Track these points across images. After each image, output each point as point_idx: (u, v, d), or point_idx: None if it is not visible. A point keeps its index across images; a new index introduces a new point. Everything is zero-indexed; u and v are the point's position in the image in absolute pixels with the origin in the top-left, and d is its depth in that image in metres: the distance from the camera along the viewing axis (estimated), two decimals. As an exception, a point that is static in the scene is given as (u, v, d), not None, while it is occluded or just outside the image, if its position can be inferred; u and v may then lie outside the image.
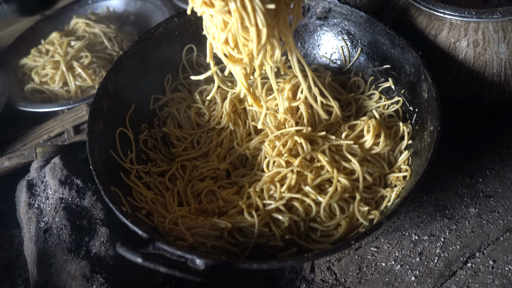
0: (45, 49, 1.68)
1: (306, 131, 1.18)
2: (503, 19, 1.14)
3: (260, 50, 1.05)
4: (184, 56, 1.38)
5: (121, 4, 1.90)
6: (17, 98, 1.56)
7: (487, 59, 1.21)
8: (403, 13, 1.33)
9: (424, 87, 1.14)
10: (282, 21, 1.07)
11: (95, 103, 1.18)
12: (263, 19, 0.98)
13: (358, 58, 1.34)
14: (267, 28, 1.00)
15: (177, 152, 1.26)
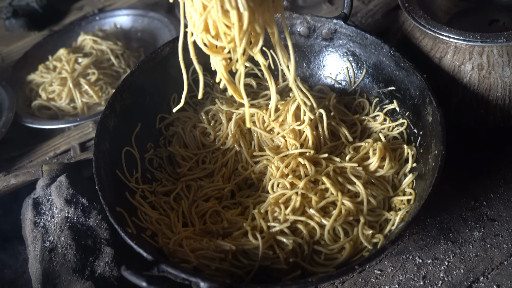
0: (53, 66, 1.69)
1: (309, 154, 1.18)
2: (508, 44, 1.15)
3: (242, 37, 1.00)
4: (190, 75, 1.39)
5: (128, 21, 1.92)
6: (24, 114, 1.57)
7: (492, 83, 1.21)
8: (409, 35, 1.34)
9: (428, 110, 1.14)
10: (267, 9, 1.03)
11: (101, 123, 1.18)
12: (244, 1, 0.93)
13: (363, 79, 1.35)
14: (249, 12, 0.95)
15: (182, 172, 1.27)
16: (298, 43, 1.40)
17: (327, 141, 1.25)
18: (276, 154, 1.21)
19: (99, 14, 1.95)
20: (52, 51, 1.79)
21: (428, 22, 1.23)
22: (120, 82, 1.26)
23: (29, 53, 1.83)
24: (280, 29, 1.11)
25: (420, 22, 1.24)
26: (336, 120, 1.28)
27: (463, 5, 1.45)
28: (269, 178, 1.19)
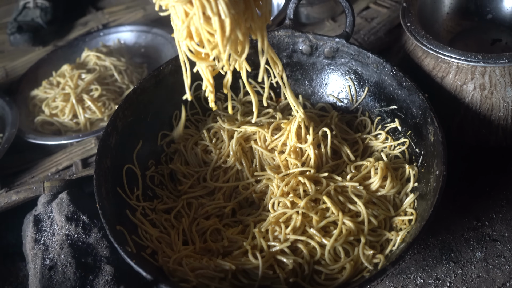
0: (56, 81, 1.70)
1: (309, 174, 1.18)
2: (510, 64, 1.15)
3: (226, 43, 1.00)
4: (193, 92, 1.39)
5: (132, 36, 1.93)
6: (27, 130, 1.58)
7: (494, 103, 1.21)
8: (411, 54, 1.34)
9: (430, 130, 1.14)
10: (250, 17, 1.03)
11: (103, 140, 1.19)
12: (225, 8, 0.93)
13: (365, 97, 1.35)
14: (231, 19, 0.95)
15: (184, 189, 1.27)
16: (300, 61, 1.40)
17: (329, 160, 1.24)
18: (277, 173, 1.21)
19: (103, 30, 1.97)
20: (56, 67, 1.80)
21: (430, 42, 1.23)
22: (122, 100, 1.26)
23: (33, 68, 1.84)
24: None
25: (422, 41, 1.24)
26: (338, 139, 1.27)
27: (465, 25, 1.45)
28: (269, 197, 1.19)
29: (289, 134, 1.23)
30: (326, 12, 1.85)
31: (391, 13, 1.79)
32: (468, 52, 1.18)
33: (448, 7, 1.44)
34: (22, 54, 2.04)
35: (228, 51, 1.02)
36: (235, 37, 1.01)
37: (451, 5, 1.44)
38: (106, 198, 1.11)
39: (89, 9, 2.24)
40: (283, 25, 1.37)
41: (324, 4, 1.80)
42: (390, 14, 1.78)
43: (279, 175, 1.20)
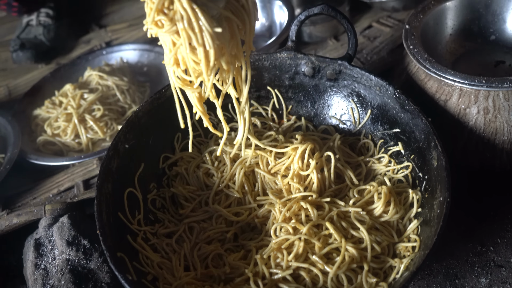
0: (59, 101, 1.70)
1: (311, 199, 1.17)
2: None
3: (210, 73, 1.02)
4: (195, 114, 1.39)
5: (135, 55, 1.93)
6: (29, 150, 1.57)
7: (498, 127, 1.20)
8: (414, 76, 1.33)
9: (433, 154, 1.13)
10: (236, 45, 1.06)
11: (105, 165, 1.18)
12: (210, 39, 0.95)
13: (367, 120, 1.34)
14: (215, 49, 0.97)
15: (185, 213, 1.26)
16: (302, 82, 1.40)
17: (332, 184, 1.24)
18: (279, 198, 1.20)
19: (106, 48, 1.97)
20: (59, 85, 1.80)
21: (433, 65, 1.22)
22: (124, 123, 1.26)
23: (35, 87, 1.84)
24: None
25: (425, 65, 1.24)
26: (341, 162, 1.27)
27: (468, 46, 1.45)
28: (272, 222, 1.18)
29: (293, 158, 1.22)
30: (329, 31, 1.85)
31: (394, 32, 1.78)
32: (472, 76, 1.17)
33: (451, 29, 1.44)
34: (25, 72, 2.04)
35: (212, 80, 1.05)
36: (219, 66, 1.04)
37: (454, 27, 1.43)
38: (107, 224, 1.10)
39: (92, 27, 2.25)
40: (285, 47, 1.37)
41: (327, 23, 1.80)
42: (393, 34, 1.78)
43: (281, 200, 1.19)
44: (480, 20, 1.42)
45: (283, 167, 1.24)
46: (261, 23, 1.94)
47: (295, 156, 1.22)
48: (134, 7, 2.33)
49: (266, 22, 1.92)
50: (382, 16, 1.89)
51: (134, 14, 2.28)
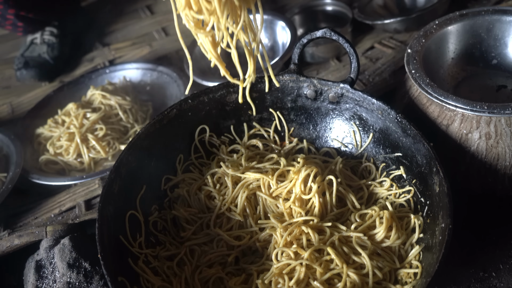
0: (61, 120, 1.71)
1: (313, 223, 1.17)
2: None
3: (223, 9, 1.06)
4: (197, 136, 1.39)
5: (138, 74, 1.94)
6: (31, 170, 1.58)
7: (500, 152, 1.20)
8: (415, 100, 1.34)
9: (435, 180, 1.13)
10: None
11: (106, 187, 1.18)
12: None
13: (369, 143, 1.34)
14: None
15: (186, 236, 1.26)
16: (305, 105, 1.40)
17: (333, 208, 1.23)
18: (280, 222, 1.20)
19: (109, 67, 1.98)
20: (62, 104, 1.81)
21: (435, 90, 1.23)
22: (126, 146, 1.26)
23: (38, 105, 1.85)
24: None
25: (426, 89, 1.24)
26: (343, 186, 1.26)
27: (470, 70, 1.45)
28: (273, 246, 1.18)
29: (296, 182, 1.23)
30: (331, 52, 1.85)
31: (396, 54, 1.79)
32: (473, 102, 1.18)
33: (453, 53, 1.44)
34: (28, 90, 2.05)
35: (226, 13, 1.08)
36: (231, 3, 1.08)
37: (456, 51, 1.44)
38: (108, 247, 1.10)
39: (95, 45, 2.26)
40: (288, 69, 1.38)
41: (329, 44, 1.81)
42: (395, 55, 1.78)
43: (283, 224, 1.18)
44: (482, 45, 1.43)
45: (284, 190, 1.24)
46: (263, 43, 1.95)
47: (298, 180, 1.22)
48: (138, 26, 2.34)
49: (269, 42, 1.93)
50: (384, 37, 1.89)
51: (138, 33, 2.29)
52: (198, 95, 1.37)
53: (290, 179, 1.24)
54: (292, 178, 1.23)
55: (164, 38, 2.21)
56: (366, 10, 1.97)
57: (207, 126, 1.40)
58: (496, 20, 1.39)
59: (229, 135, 1.43)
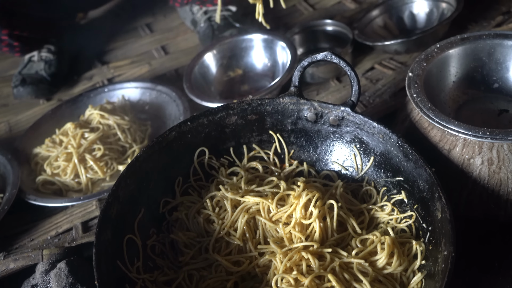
0: (59, 140, 1.69)
1: (313, 249, 1.15)
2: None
3: None
4: (196, 158, 1.38)
5: (137, 93, 1.93)
6: (28, 190, 1.56)
7: (502, 178, 1.19)
8: (417, 124, 1.33)
9: (437, 206, 1.12)
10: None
11: (104, 212, 1.16)
12: None
13: (370, 167, 1.33)
14: None
15: (184, 260, 1.24)
16: (305, 128, 1.39)
17: (334, 233, 1.22)
18: (280, 247, 1.18)
19: (108, 86, 1.97)
20: (60, 122, 1.80)
21: (437, 115, 1.22)
22: (125, 169, 1.25)
23: (36, 124, 1.84)
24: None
25: (428, 114, 1.23)
26: (344, 210, 1.25)
27: (472, 93, 1.44)
28: (273, 273, 1.16)
29: (296, 207, 1.21)
30: (331, 72, 1.85)
31: (396, 75, 1.78)
32: (475, 127, 1.17)
33: (454, 76, 1.43)
34: (27, 108, 2.05)
35: None
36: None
37: (457, 74, 1.43)
38: (105, 273, 1.08)
39: (94, 63, 2.25)
40: (288, 92, 1.37)
41: (330, 64, 1.80)
42: (395, 77, 1.78)
43: (282, 249, 1.17)
44: (483, 68, 1.42)
45: (284, 215, 1.22)
46: (263, 63, 1.95)
47: (298, 205, 1.20)
48: (137, 44, 2.34)
49: (269, 62, 1.93)
50: (384, 58, 1.89)
51: (137, 51, 2.29)
52: (197, 117, 1.36)
53: (290, 204, 1.22)
54: (293, 203, 1.22)
55: (163, 57, 2.21)
56: (366, 30, 1.97)
57: (207, 148, 1.39)
58: (498, 44, 1.38)
59: (228, 157, 1.42)
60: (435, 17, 1.94)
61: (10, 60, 2.37)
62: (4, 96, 2.16)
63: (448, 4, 1.88)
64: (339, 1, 2.37)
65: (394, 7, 2.02)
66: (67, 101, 1.94)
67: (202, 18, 2.08)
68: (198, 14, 2.10)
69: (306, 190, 1.22)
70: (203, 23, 2.07)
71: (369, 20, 2.01)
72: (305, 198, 1.20)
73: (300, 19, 2.29)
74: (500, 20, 1.90)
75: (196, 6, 2.11)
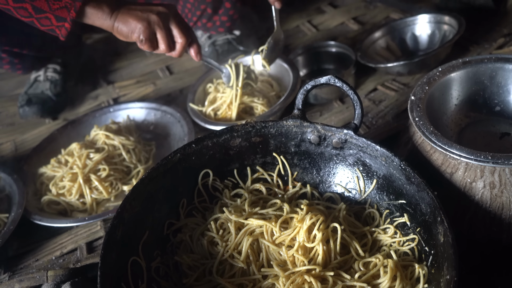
0: (65, 160, 1.71)
1: (315, 272, 1.16)
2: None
3: None
4: (200, 180, 1.39)
5: (142, 113, 1.95)
6: (33, 210, 1.57)
7: (504, 201, 1.20)
8: (419, 147, 1.34)
9: (440, 230, 1.12)
10: None
11: (109, 234, 1.17)
12: None
13: (373, 189, 1.34)
14: None
15: (188, 283, 1.24)
16: (308, 150, 1.40)
17: (337, 256, 1.22)
18: (283, 270, 1.18)
19: (113, 106, 1.99)
20: (66, 142, 1.82)
21: (439, 139, 1.23)
22: (130, 191, 1.26)
23: (42, 144, 1.86)
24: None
25: (430, 138, 1.24)
26: (347, 233, 1.26)
27: (474, 116, 1.46)
28: (276, 297, 1.16)
29: (300, 230, 1.22)
30: (334, 93, 1.87)
31: (399, 97, 1.80)
32: (477, 151, 1.18)
33: (457, 99, 1.45)
34: (32, 127, 2.06)
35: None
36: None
37: (459, 97, 1.45)
38: (110, 297, 1.09)
39: (100, 83, 2.28)
40: (292, 114, 1.38)
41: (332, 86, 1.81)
42: (398, 98, 1.80)
43: (286, 272, 1.17)
44: (485, 92, 1.44)
45: (288, 238, 1.23)
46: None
47: (302, 228, 1.21)
48: (142, 64, 2.37)
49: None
50: (387, 79, 1.91)
51: (142, 71, 2.31)
52: (202, 140, 1.38)
53: (294, 227, 1.23)
54: (296, 226, 1.22)
55: (168, 77, 2.23)
56: (369, 52, 1.99)
57: (211, 170, 1.40)
58: (499, 68, 1.40)
59: (232, 179, 1.43)
60: (437, 39, 1.96)
61: (16, 80, 2.40)
62: (11, 115, 2.18)
63: (450, 26, 1.90)
64: (342, 22, 2.40)
65: (396, 29, 2.04)
66: (72, 121, 1.96)
67: (207, 43, 2.11)
68: (203, 39, 2.13)
69: (309, 214, 1.23)
70: (208, 47, 2.10)
71: (372, 42, 2.03)
72: (309, 221, 1.21)
73: (304, 40, 2.32)
74: (501, 42, 1.92)
75: (200, 31, 2.14)
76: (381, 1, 2.48)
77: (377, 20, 2.36)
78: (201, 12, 1.95)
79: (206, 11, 1.93)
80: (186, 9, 2.00)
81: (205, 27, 2.06)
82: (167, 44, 1.44)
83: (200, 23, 2.02)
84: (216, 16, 1.98)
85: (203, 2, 1.85)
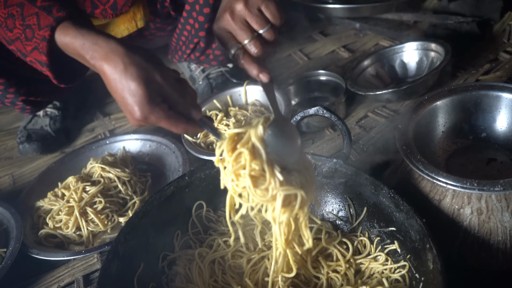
0: (61, 193, 1.73)
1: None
2: (505, 192, 1.16)
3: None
4: (194, 212, 1.41)
5: (137, 145, 1.98)
6: (30, 244, 1.59)
7: (492, 227, 1.22)
8: (408, 174, 1.37)
9: (429, 257, 1.14)
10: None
11: (104, 269, 1.19)
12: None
13: (363, 217, 1.36)
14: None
15: (184, 315, 1.26)
16: (300, 179, 1.43)
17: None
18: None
19: (109, 138, 2.01)
20: (63, 175, 1.84)
21: (426, 167, 1.26)
22: (124, 225, 1.28)
23: (39, 178, 1.87)
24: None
25: (418, 166, 1.27)
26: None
27: (461, 143, 1.49)
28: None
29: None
30: (326, 122, 1.90)
31: (388, 123, 1.83)
32: (463, 179, 1.20)
33: (443, 126, 1.48)
34: (30, 161, 2.08)
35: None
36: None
37: (446, 124, 1.48)
38: (105, 331, 1.11)
39: (96, 115, 2.31)
40: (283, 145, 1.41)
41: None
42: (388, 124, 1.83)
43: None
44: (471, 118, 1.47)
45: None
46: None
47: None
48: (138, 95, 2.39)
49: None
50: (377, 106, 1.94)
51: (138, 102, 2.34)
52: (195, 172, 1.40)
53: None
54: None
55: (163, 108, 2.26)
56: (359, 79, 2.03)
57: (204, 201, 1.42)
58: (483, 95, 1.43)
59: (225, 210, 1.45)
60: (425, 65, 2.00)
61: (14, 114, 2.43)
62: (9, 149, 2.21)
63: (437, 53, 1.94)
64: (332, 50, 2.44)
65: (385, 56, 2.09)
66: (69, 154, 1.98)
67: (200, 76, 2.15)
68: (196, 72, 2.17)
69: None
70: (202, 81, 2.14)
71: (362, 69, 2.07)
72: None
73: (296, 68, 2.36)
74: (487, 67, 1.96)
75: (193, 64, 2.18)
76: (371, 29, 2.54)
77: (367, 47, 2.41)
78: (194, 46, 1.99)
79: (199, 44, 1.97)
80: (180, 41, 2.04)
81: (198, 60, 2.10)
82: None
83: (194, 56, 2.07)
84: (210, 49, 2.02)
85: (196, 36, 1.89)
